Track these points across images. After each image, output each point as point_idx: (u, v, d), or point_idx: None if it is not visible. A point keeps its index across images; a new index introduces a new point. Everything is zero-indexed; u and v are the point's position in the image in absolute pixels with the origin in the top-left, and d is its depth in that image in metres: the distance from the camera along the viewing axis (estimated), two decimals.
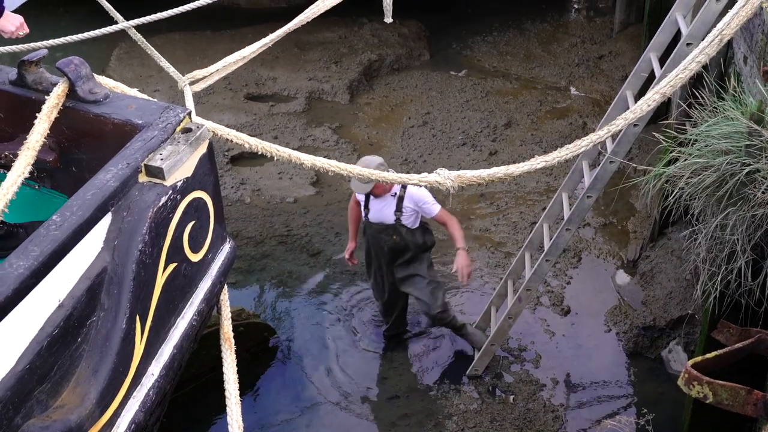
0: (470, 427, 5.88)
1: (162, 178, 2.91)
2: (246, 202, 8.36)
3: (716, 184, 4.24)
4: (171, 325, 3.02)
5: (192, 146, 3.06)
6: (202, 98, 10.04)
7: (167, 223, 2.91)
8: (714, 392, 3.39)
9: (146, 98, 3.43)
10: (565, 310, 6.86)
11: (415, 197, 5.88)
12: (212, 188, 3.21)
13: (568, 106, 9.79)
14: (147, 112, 3.19)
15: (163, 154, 2.96)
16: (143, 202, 2.83)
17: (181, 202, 2.98)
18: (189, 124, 3.16)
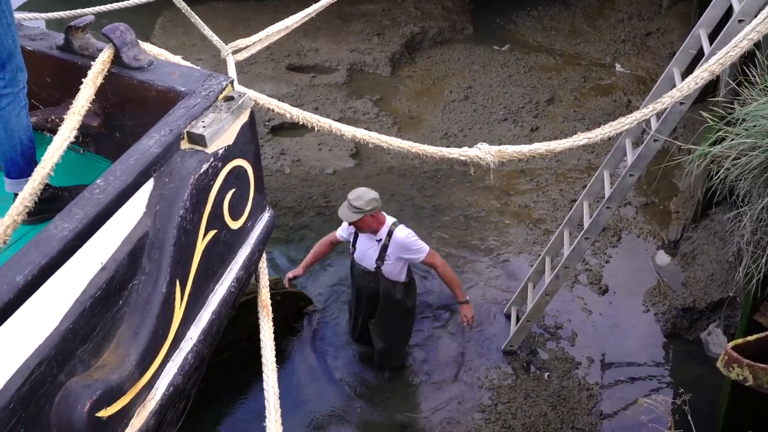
0: (504, 402, 5.88)
1: (204, 145, 2.93)
2: (285, 173, 8.40)
3: (764, 165, 4.17)
4: (210, 290, 3.05)
5: (234, 114, 3.07)
6: (244, 68, 10.08)
7: (208, 190, 2.93)
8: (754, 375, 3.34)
9: (190, 66, 3.45)
10: (603, 289, 6.81)
11: (401, 245, 5.54)
12: (253, 157, 3.23)
13: (613, 83, 9.64)
14: (190, 80, 3.21)
15: (205, 122, 2.98)
16: (185, 168, 2.85)
17: (222, 170, 3.00)
18: (231, 93, 3.17)
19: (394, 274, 5.68)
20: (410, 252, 5.59)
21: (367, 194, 5.45)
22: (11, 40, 3.19)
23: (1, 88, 3.22)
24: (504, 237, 7.44)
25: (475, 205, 7.83)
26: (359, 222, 5.45)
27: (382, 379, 6.13)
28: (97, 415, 2.43)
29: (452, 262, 7.13)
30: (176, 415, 3.10)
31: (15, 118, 3.28)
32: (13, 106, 3.26)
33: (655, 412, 4.99)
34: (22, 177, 3.37)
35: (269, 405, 2.71)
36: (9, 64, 3.21)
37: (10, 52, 3.19)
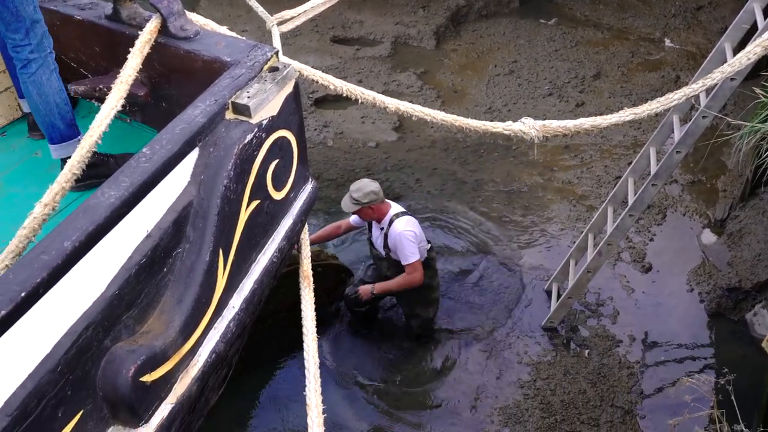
0: (543, 378, 5.87)
1: (248, 115, 2.94)
2: (328, 145, 8.41)
3: None
4: (252, 260, 3.08)
5: (278, 85, 3.08)
6: (289, 40, 10.10)
7: (252, 161, 2.95)
8: None
9: (236, 36, 3.46)
10: (646, 267, 6.73)
11: (395, 239, 5.51)
12: (297, 128, 3.23)
13: (662, 58, 9.45)
14: (236, 50, 3.22)
15: (250, 92, 2.99)
16: (229, 138, 2.87)
17: (265, 141, 3.01)
18: (276, 63, 3.18)
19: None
20: (398, 249, 5.54)
21: (366, 187, 5.48)
22: (32, 7, 3.27)
23: (29, 53, 3.31)
24: (546, 213, 7.38)
25: (518, 181, 7.77)
26: (359, 212, 5.55)
27: (420, 351, 6.15)
28: (141, 379, 2.47)
29: (493, 237, 7.12)
30: (218, 381, 3.15)
31: (47, 81, 3.36)
32: (43, 69, 3.35)
33: (698, 391, 4.93)
34: (64, 141, 3.44)
35: (309, 374, 2.74)
36: (32, 30, 3.31)
37: (33, 19, 3.29)
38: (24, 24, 3.28)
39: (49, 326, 2.25)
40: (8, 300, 2.12)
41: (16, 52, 3.33)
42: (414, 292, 5.80)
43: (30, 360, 2.21)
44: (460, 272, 6.81)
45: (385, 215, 5.61)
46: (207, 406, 3.11)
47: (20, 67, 3.35)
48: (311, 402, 2.60)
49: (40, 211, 2.61)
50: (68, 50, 3.72)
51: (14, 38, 3.30)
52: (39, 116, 3.44)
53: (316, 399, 2.63)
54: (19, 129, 4.04)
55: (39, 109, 3.41)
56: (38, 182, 3.35)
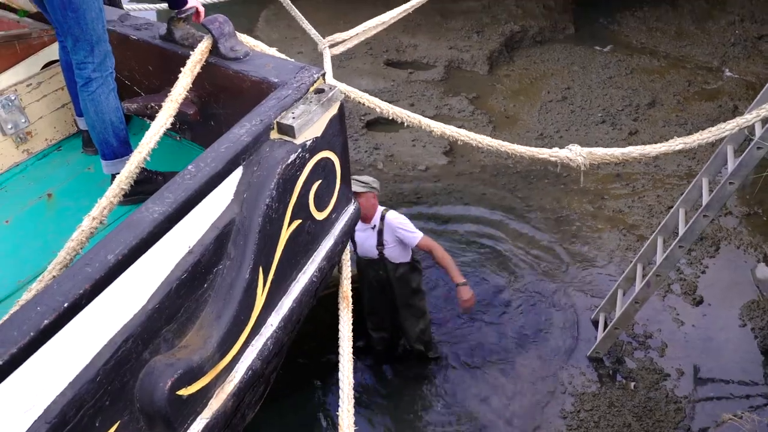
0: (587, 410, 5.76)
1: (293, 136, 2.99)
2: (378, 167, 8.45)
3: None
4: (292, 279, 3.11)
5: (323, 107, 3.13)
6: (343, 62, 10.22)
7: (295, 180, 2.99)
8: None
9: (284, 58, 3.53)
10: (697, 300, 6.58)
11: (395, 225, 5.58)
12: (341, 149, 3.27)
13: (719, 87, 9.30)
14: (283, 72, 3.28)
15: (295, 113, 3.04)
16: (273, 158, 2.91)
17: (309, 161, 3.05)
18: (322, 85, 3.22)
19: (397, 257, 5.72)
20: (404, 234, 5.62)
21: (370, 177, 5.62)
22: (101, 25, 3.36)
23: (91, 72, 3.40)
24: (596, 242, 7.28)
25: (568, 208, 7.70)
26: (361, 197, 5.45)
27: (463, 378, 6.10)
28: (178, 393, 2.51)
29: (541, 264, 7.06)
30: (255, 398, 3.17)
31: (105, 100, 3.45)
32: (102, 89, 3.44)
33: (742, 429, 4.79)
34: (116, 158, 3.53)
35: (343, 394, 2.75)
36: (97, 47, 3.39)
37: (99, 37, 3.37)
38: (90, 42, 3.38)
39: (90, 337, 2.30)
40: (52, 310, 2.18)
41: (80, 69, 3.43)
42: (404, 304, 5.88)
43: (70, 369, 2.27)
44: (507, 300, 6.75)
45: (376, 212, 5.66)
46: (243, 423, 3.14)
47: (81, 84, 3.45)
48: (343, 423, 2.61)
49: (87, 224, 2.69)
50: (123, 68, 3.83)
51: (80, 55, 3.41)
52: (94, 132, 3.54)
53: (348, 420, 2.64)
54: (74, 144, 4.17)
55: (95, 126, 3.51)
56: (89, 196, 3.44)
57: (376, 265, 5.82)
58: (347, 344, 2.96)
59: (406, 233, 5.66)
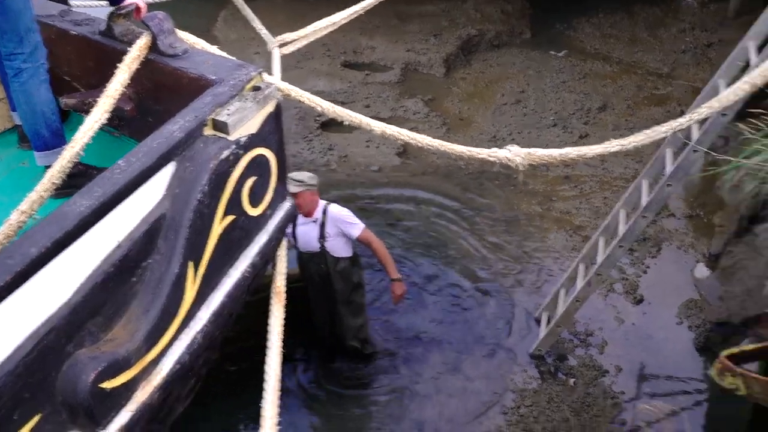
0: (527, 406, 5.88)
1: (226, 132, 3.03)
2: (331, 168, 8.51)
3: None
4: (224, 274, 3.16)
5: (259, 104, 3.18)
6: (301, 62, 10.26)
7: (227, 176, 3.03)
8: (747, 385, 3.32)
9: (224, 55, 3.57)
10: (637, 299, 6.74)
11: (337, 217, 5.71)
12: (276, 146, 3.32)
13: (668, 93, 9.51)
14: (221, 69, 3.32)
15: (230, 110, 3.09)
16: (206, 154, 2.96)
17: (243, 157, 3.10)
18: (259, 83, 3.27)
19: (339, 250, 5.79)
20: (346, 225, 5.73)
21: (308, 173, 5.69)
22: (29, 15, 3.39)
23: (21, 62, 3.43)
24: (543, 242, 7.42)
25: (517, 209, 7.83)
26: (299, 197, 5.50)
27: (404, 376, 6.18)
28: (101, 386, 2.54)
29: (488, 264, 7.17)
30: (185, 391, 3.21)
31: (35, 91, 3.47)
32: (33, 80, 3.46)
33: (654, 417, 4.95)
34: (48, 149, 3.55)
35: (268, 386, 2.80)
36: (26, 38, 3.41)
37: (28, 27, 3.40)
38: (19, 33, 3.40)
39: (11, 329, 2.32)
40: None
41: (9, 60, 3.45)
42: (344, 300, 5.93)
43: None
44: (453, 298, 6.85)
45: (318, 205, 5.73)
46: (172, 416, 3.18)
47: (12, 75, 3.47)
48: (266, 414, 2.66)
49: (16, 218, 2.71)
50: (63, 64, 3.84)
51: (8, 46, 3.42)
52: (26, 124, 3.55)
53: (272, 411, 2.69)
54: (9, 140, 4.15)
55: (26, 117, 3.52)
56: (23, 191, 3.44)
57: (317, 259, 5.88)
58: (276, 338, 3.01)
59: (349, 225, 5.77)
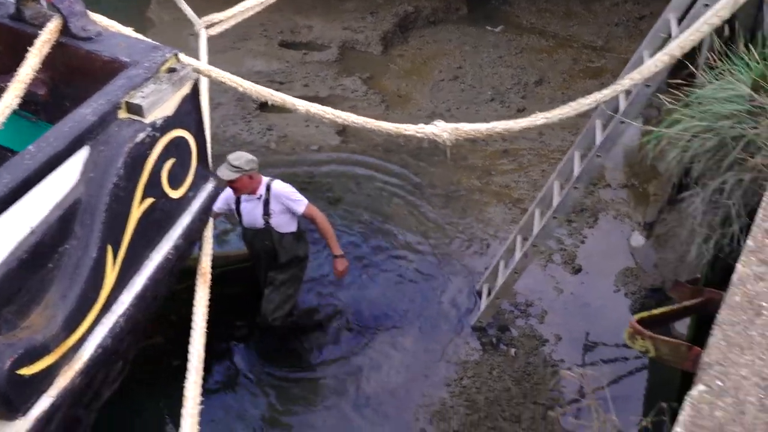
0: (469, 377, 5.97)
1: (141, 115, 3.01)
2: (271, 148, 8.46)
3: (716, 147, 4.20)
4: (146, 257, 3.14)
5: (175, 86, 3.15)
6: (237, 43, 10.15)
7: (144, 159, 3.01)
8: (656, 347, 3.42)
9: (139, 37, 3.53)
10: (576, 268, 6.87)
11: (281, 194, 5.76)
12: (195, 128, 3.30)
13: (603, 65, 9.63)
14: (135, 51, 3.28)
15: (144, 92, 3.06)
16: (121, 137, 2.93)
17: (160, 140, 3.07)
18: (175, 65, 3.24)
19: (283, 226, 5.84)
20: (290, 201, 5.78)
21: (246, 155, 5.64)
22: None
23: None
24: (482, 216, 7.50)
25: (456, 184, 7.89)
26: (237, 182, 5.57)
27: (343, 351, 6.22)
28: (19, 372, 2.52)
29: (429, 238, 7.23)
30: (112, 376, 3.19)
31: None
32: None
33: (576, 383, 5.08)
34: None
35: (191, 366, 2.80)
36: None
37: None
38: None
39: None
40: None
41: None
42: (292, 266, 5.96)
43: None
44: (394, 273, 6.90)
45: (261, 183, 5.74)
46: (98, 400, 3.16)
47: None
48: (189, 394, 2.66)
49: None
50: None
51: None
52: None
53: (194, 391, 2.69)
54: None
55: None
56: None
57: (262, 236, 5.89)
58: (201, 319, 3.01)
59: (293, 201, 5.80)
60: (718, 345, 2.05)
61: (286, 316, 6.04)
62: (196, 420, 2.59)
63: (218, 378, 6.02)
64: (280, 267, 5.99)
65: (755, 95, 3.73)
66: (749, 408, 1.88)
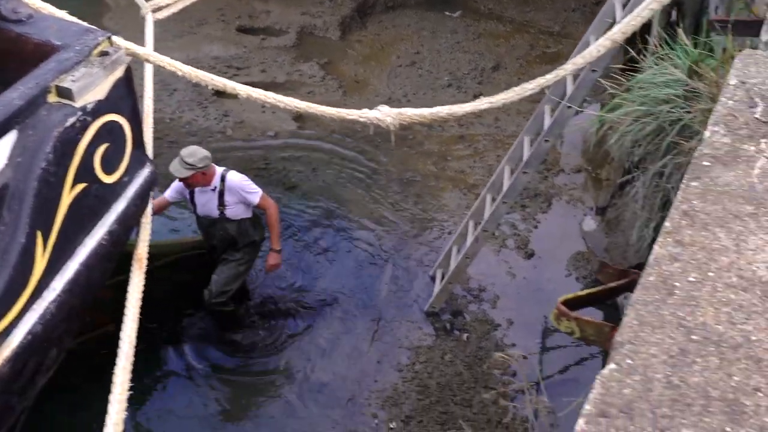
0: (421, 362, 6.00)
1: (71, 99, 2.97)
2: (227, 134, 8.42)
3: (656, 132, 4.26)
4: (78, 243, 3.10)
5: (107, 69, 3.12)
6: (194, 28, 10.09)
7: (75, 144, 2.97)
8: (581, 328, 3.49)
9: (72, 20, 3.47)
10: (529, 253, 6.92)
11: (237, 186, 5.72)
12: (129, 112, 3.27)
13: (559, 51, 9.69)
14: (67, 34, 3.24)
15: (75, 76, 3.02)
16: (50, 121, 2.89)
17: (92, 124, 3.04)
18: (107, 48, 3.20)
19: (239, 214, 5.85)
20: (245, 193, 5.76)
21: (199, 152, 5.60)
22: None
23: None
24: (437, 201, 7.53)
25: (412, 170, 7.91)
26: (190, 178, 5.58)
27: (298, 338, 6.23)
28: None
29: (383, 224, 7.25)
30: (47, 362, 3.17)
31: None
32: None
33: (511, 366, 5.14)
34: None
35: (122, 353, 2.78)
36: None
37: None
38: None
39: None
40: None
41: None
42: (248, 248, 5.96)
43: None
44: (349, 258, 6.91)
45: (214, 175, 5.72)
46: (33, 388, 3.13)
47: None
48: (117, 380, 2.65)
49: None
50: None
51: None
52: None
53: (123, 377, 2.67)
54: None
55: None
56: None
57: (218, 224, 5.89)
58: (134, 305, 2.99)
59: (248, 194, 5.78)
60: (631, 324, 2.09)
61: (229, 300, 6.00)
62: (124, 406, 2.58)
63: (166, 368, 6.01)
64: (237, 249, 5.98)
65: (688, 80, 3.78)
66: (656, 385, 1.92)
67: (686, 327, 2.05)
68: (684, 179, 2.40)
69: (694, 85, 3.75)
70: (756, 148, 2.50)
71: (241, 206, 5.84)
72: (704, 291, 2.13)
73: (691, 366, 1.96)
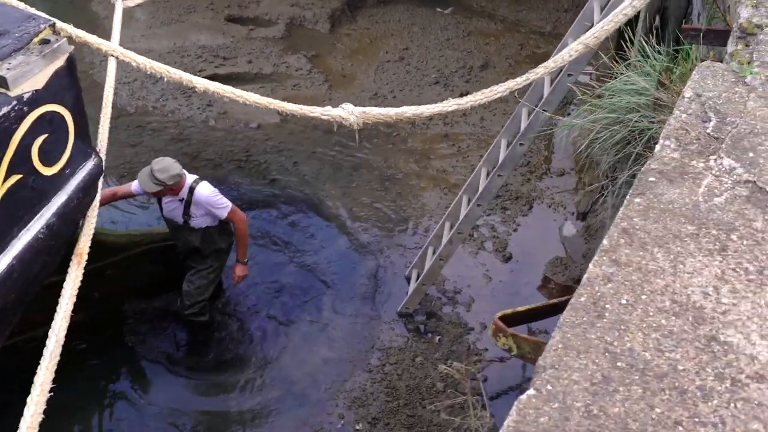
0: (391, 363, 5.92)
1: (6, 87, 2.87)
2: (210, 125, 8.32)
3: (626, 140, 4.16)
4: (12, 236, 3.00)
5: (46, 58, 3.01)
6: (182, 16, 9.98)
7: (10, 134, 2.87)
8: (518, 345, 3.40)
9: (14, 5, 3.37)
10: (506, 256, 6.82)
11: (204, 201, 5.57)
12: (72, 103, 3.16)
13: (549, 51, 9.49)
14: (7, 20, 3.13)
15: (11, 64, 2.91)
16: None
17: (29, 114, 2.94)
18: (49, 36, 3.10)
19: (204, 223, 5.73)
20: (213, 208, 5.63)
21: (171, 168, 5.41)
22: None
23: None
24: (417, 201, 7.43)
25: (394, 167, 7.81)
26: (160, 192, 5.50)
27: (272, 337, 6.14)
28: None
29: (362, 222, 7.15)
30: None
31: None
32: None
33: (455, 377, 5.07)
34: None
35: (47, 351, 2.68)
36: None
37: None
38: None
39: None
40: None
41: None
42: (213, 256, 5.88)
43: None
44: (324, 257, 6.82)
45: (183, 187, 5.56)
46: None
47: None
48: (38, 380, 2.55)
49: None
50: None
51: None
52: None
53: (45, 378, 2.58)
54: None
55: None
56: None
57: (182, 229, 5.78)
58: (68, 301, 2.89)
59: (216, 209, 5.64)
60: (556, 348, 1.99)
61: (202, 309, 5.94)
62: (41, 408, 2.48)
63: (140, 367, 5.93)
64: (202, 257, 5.88)
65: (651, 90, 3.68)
66: (575, 415, 1.82)
67: (612, 353, 1.95)
68: (628, 195, 2.30)
69: (658, 95, 3.64)
70: (705, 164, 2.40)
71: (207, 217, 5.71)
72: (635, 315, 2.03)
73: (613, 395, 1.86)
